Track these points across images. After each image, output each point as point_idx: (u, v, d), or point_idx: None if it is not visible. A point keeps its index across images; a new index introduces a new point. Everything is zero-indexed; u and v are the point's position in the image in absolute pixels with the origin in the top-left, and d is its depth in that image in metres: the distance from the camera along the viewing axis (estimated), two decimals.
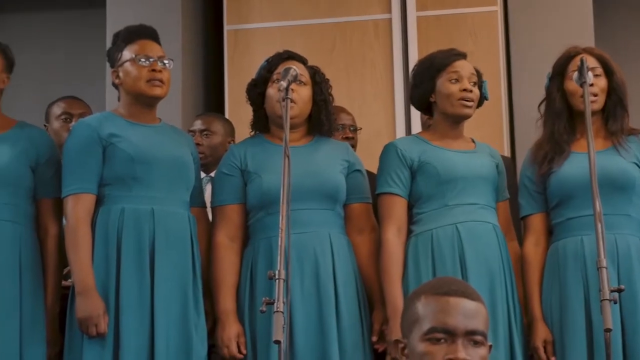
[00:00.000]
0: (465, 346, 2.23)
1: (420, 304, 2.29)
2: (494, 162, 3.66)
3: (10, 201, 3.44)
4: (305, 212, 3.43)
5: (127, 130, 3.48)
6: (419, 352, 2.25)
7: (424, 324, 2.25)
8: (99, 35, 5.59)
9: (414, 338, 2.27)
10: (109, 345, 3.32)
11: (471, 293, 2.30)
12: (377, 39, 5.50)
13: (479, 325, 2.25)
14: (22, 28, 6.42)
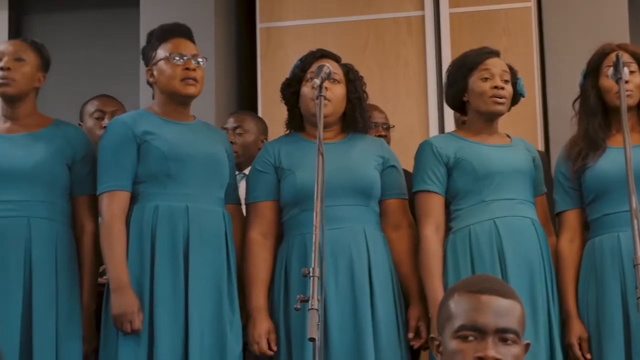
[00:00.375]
0: (495, 344, 2.21)
1: (452, 301, 2.29)
2: (530, 156, 3.65)
3: (46, 199, 3.46)
4: (339, 208, 3.43)
5: (162, 128, 3.50)
6: (450, 349, 2.25)
7: (455, 322, 2.25)
8: (132, 34, 5.61)
9: (446, 335, 2.27)
10: (144, 342, 3.33)
11: (505, 291, 2.28)
12: (410, 36, 5.49)
13: (511, 323, 2.24)
14: (56, 27, 6.45)
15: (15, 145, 3.49)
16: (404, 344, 3.48)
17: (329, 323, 3.35)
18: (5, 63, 3.50)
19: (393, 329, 3.45)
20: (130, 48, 5.72)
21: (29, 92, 3.57)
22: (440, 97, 5.35)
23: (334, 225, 3.35)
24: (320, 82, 3.19)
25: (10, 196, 3.42)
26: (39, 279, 3.38)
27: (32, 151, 3.48)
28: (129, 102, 4.98)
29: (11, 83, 3.50)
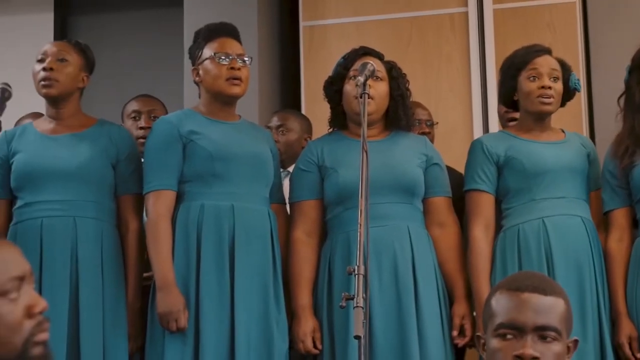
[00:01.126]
0: (534, 342, 2.20)
1: (494, 299, 2.28)
2: (585, 151, 3.62)
3: (92, 198, 3.49)
4: (383, 206, 3.42)
5: (207, 127, 3.51)
6: (491, 348, 2.24)
7: (495, 320, 2.24)
8: (176, 33, 5.63)
9: (488, 334, 2.27)
10: (190, 340, 3.35)
11: (546, 288, 2.26)
12: (453, 32, 5.46)
13: (551, 320, 2.22)
14: (101, 28, 6.50)
15: (60, 146, 3.52)
16: (448, 342, 3.46)
17: (373, 321, 3.34)
18: (48, 63, 3.53)
19: (437, 326, 3.44)
20: (174, 48, 5.75)
21: (73, 92, 3.59)
22: (484, 94, 5.33)
23: (378, 223, 3.34)
24: (364, 79, 3.18)
25: (56, 196, 3.45)
26: (85, 277, 3.41)
27: (77, 151, 3.51)
28: (173, 102, 5.01)
29: (54, 84, 3.52)
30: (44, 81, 3.52)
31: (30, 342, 1.82)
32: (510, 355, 2.19)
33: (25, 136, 3.57)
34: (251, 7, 5.50)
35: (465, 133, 5.31)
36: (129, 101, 4.45)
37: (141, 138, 4.10)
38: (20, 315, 1.81)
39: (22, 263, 1.86)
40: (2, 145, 3.54)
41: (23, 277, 1.84)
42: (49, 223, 3.42)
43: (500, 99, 3.76)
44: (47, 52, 3.57)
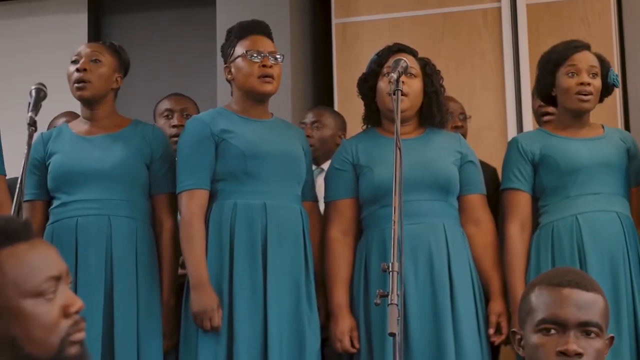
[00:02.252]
0: (577, 338, 2.19)
1: (534, 295, 2.26)
2: (624, 146, 3.59)
3: (127, 198, 3.50)
4: (418, 204, 3.41)
5: (240, 125, 3.51)
6: (532, 343, 2.23)
7: (536, 315, 2.23)
8: (209, 32, 5.65)
9: (528, 329, 2.25)
10: (223, 339, 3.35)
11: (586, 284, 2.25)
12: (487, 28, 5.44)
13: (594, 316, 2.21)
14: (135, 28, 6.53)
15: (95, 147, 3.54)
16: (484, 340, 3.45)
17: (409, 318, 3.33)
18: (82, 65, 3.55)
19: (473, 324, 3.42)
20: (207, 46, 5.77)
21: (107, 93, 3.61)
22: (517, 89, 5.30)
23: (413, 221, 3.33)
24: (397, 76, 3.17)
25: (91, 195, 3.47)
26: (119, 276, 3.43)
27: (112, 152, 3.53)
28: (206, 100, 5.02)
29: (87, 85, 3.54)
30: (77, 83, 3.55)
31: (67, 341, 1.82)
32: (553, 351, 2.18)
33: (61, 138, 3.60)
34: (283, 5, 5.51)
35: (499, 129, 5.29)
36: (161, 100, 4.46)
37: (174, 136, 4.11)
38: (56, 315, 1.81)
39: (58, 263, 1.86)
40: (38, 147, 3.56)
41: (59, 277, 1.84)
42: (84, 222, 3.44)
43: (538, 95, 3.74)
44: (80, 53, 3.59)
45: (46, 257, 1.84)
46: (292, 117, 5.13)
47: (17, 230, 1.83)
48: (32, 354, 1.79)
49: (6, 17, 6.62)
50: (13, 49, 6.52)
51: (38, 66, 6.15)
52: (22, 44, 6.53)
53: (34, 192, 3.56)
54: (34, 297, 1.80)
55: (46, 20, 6.53)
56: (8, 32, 6.57)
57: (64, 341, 1.81)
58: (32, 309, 1.79)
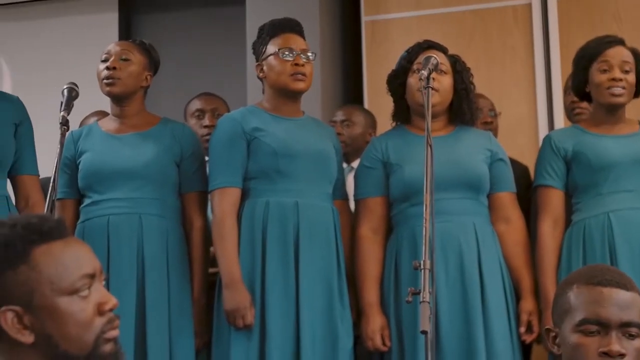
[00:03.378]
0: (619, 338, 2.17)
1: (572, 293, 2.24)
2: None
3: (157, 196, 3.52)
4: (448, 202, 3.40)
5: (271, 124, 3.52)
6: (571, 343, 2.21)
7: (576, 315, 2.21)
8: (239, 31, 5.66)
9: (566, 328, 2.23)
10: (256, 337, 3.36)
11: (626, 283, 2.23)
12: (517, 24, 5.42)
13: (634, 316, 2.19)
14: (165, 27, 6.55)
15: (125, 145, 3.56)
16: (515, 338, 3.43)
17: (440, 316, 3.33)
18: (111, 63, 3.56)
19: (504, 322, 3.41)
20: (237, 45, 5.78)
21: (136, 91, 3.62)
22: (548, 86, 5.27)
23: (444, 219, 3.32)
24: (428, 73, 3.16)
25: (122, 194, 3.48)
26: (151, 274, 3.44)
27: (142, 150, 3.54)
28: (236, 99, 5.03)
29: (117, 82, 3.56)
30: (106, 79, 3.56)
31: (101, 339, 1.83)
32: (595, 352, 2.16)
33: (91, 136, 3.62)
34: (313, 3, 5.51)
35: (530, 126, 5.27)
36: (191, 100, 4.47)
37: (205, 136, 4.12)
38: (91, 313, 1.83)
39: (92, 261, 1.87)
40: (69, 145, 3.58)
41: (94, 275, 1.85)
42: (116, 220, 3.46)
43: (573, 91, 3.72)
44: (110, 51, 3.60)
45: (80, 255, 1.85)
46: (321, 115, 5.14)
47: (52, 229, 1.84)
48: (68, 351, 1.80)
49: (38, 17, 6.67)
50: (45, 48, 6.56)
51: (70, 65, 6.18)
52: (54, 44, 6.57)
53: (65, 190, 3.58)
54: (68, 294, 1.81)
55: (77, 19, 6.57)
56: (40, 31, 6.61)
57: (98, 338, 1.82)
58: (67, 306, 1.80)
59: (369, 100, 5.46)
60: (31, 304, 1.79)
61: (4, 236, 1.82)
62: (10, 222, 1.84)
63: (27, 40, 6.61)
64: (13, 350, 1.82)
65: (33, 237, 1.82)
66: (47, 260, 1.81)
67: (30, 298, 1.79)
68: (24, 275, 1.80)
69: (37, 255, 1.81)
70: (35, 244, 1.82)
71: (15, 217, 1.86)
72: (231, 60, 6.12)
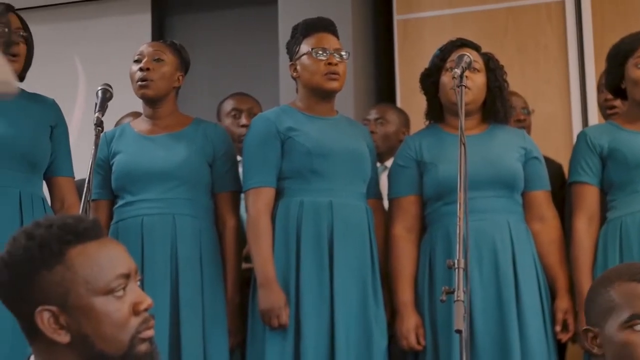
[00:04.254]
0: None
1: (614, 291, 2.21)
2: None
3: (190, 196, 3.52)
4: (482, 200, 3.39)
5: (305, 123, 3.52)
6: (618, 341, 2.18)
7: (622, 313, 2.18)
8: (271, 30, 5.67)
9: (611, 327, 2.20)
10: (290, 336, 3.36)
11: None
12: (550, 22, 5.39)
13: None
14: (197, 27, 6.57)
15: (158, 146, 3.57)
16: (550, 337, 3.41)
17: (474, 315, 3.31)
18: (144, 64, 3.57)
19: (539, 321, 3.39)
20: (269, 45, 5.79)
21: (169, 92, 3.63)
22: (582, 83, 5.24)
23: (478, 217, 3.30)
24: (461, 71, 3.15)
25: (155, 194, 3.49)
26: (185, 274, 3.45)
27: (174, 151, 3.55)
28: (269, 98, 5.03)
29: (150, 84, 3.57)
30: (140, 82, 3.57)
31: (137, 338, 1.84)
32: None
33: (124, 137, 3.63)
34: (345, 2, 5.50)
35: (564, 124, 5.24)
36: (225, 99, 4.47)
37: (243, 136, 4.12)
38: (126, 313, 1.83)
39: (127, 261, 1.88)
40: (102, 146, 3.59)
41: (129, 275, 1.86)
42: (149, 221, 3.47)
43: (607, 88, 3.68)
44: (143, 52, 3.62)
45: (116, 255, 1.86)
46: (354, 114, 5.13)
47: (87, 229, 1.85)
48: (104, 351, 1.81)
49: (72, 19, 6.71)
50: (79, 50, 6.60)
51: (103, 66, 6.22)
52: (88, 46, 6.61)
53: (99, 191, 3.60)
54: (104, 294, 1.82)
55: (111, 21, 6.60)
56: (74, 34, 6.65)
57: (134, 338, 1.83)
58: (103, 306, 1.81)
59: (402, 99, 5.45)
60: (67, 304, 1.81)
61: (39, 237, 1.82)
62: (46, 223, 1.85)
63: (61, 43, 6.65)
64: (49, 350, 1.83)
65: (68, 237, 1.83)
66: (82, 261, 1.82)
67: (66, 298, 1.81)
68: (60, 275, 1.81)
69: (72, 256, 1.82)
70: (70, 244, 1.83)
71: (51, 218, 1.87)
72: (263, 60, 6.12)
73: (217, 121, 4.37)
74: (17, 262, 1.82)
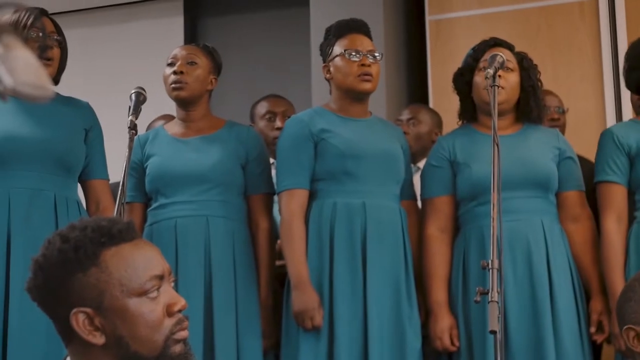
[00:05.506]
0: None
1: None
2: None
3: (223, 198, 3.53)
4: (516, 200, 3.38)
5: (338, 125, 3.52)
6: None
7: None
8: (303, 33, 5.68)
9: None
10: (324, 338, 3.36)
11: None
12: (583, 20, 5.35)
13: None
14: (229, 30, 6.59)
15: (191, 149, 3.58)
16: (585, 338, 3.40)
17: (508, 315, 3.30)
18: (178, 67, 3.59)
19: (574, 321, 3.38)
20: (301, 47, 5.79)
21: (202, 95, 3.65)
22: (616, 82, 5.20)
23: (512, 217, 3.30)
24: (494, 71, 3.14)
25: (189, 197, 3.51)
26: (218, 276, 3.46)
27: (208, 154, 3.56)
28: (301, 100, 5.03)
29: (184, 86, 3.58)
30: (174, 84, 3.59)
31: (171, 339, 1.84)
32: None
33: (158, 140, 3.65)
34: (377, 3, 5.49)
35: (598, 123, 5.20)
36: (258, 102, 4.48)
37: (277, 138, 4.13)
38: (160, 314, 1.84)
39: (161, 262, 1.89)
40: (136, 149, 3.60)
41: (162, 276, 1.87)
42: (183, 223, 3.49)
43: (631, 85, 3.62)
44: (177, 55, 3.63)
45: (149, 256, 1.87)
46: (386, 116, 5.12)
47: (121, 231, 1.86)
48: (138, 352, 1.82)
49: (105, 23, 6.75)
50: (113, 54, 6.64)
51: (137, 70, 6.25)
52: (121, 49, 6.65)
53: (132, 194, 3.62)
54: (138, 296, 1.83)
55: (144, 24, 6.64)
56: (107, 37, 6.70)
57: (168, 339, 1.83)
58: (137, 307, 1.82)
59: (434, 100, 5.43)
60: (102, 305, 1.81)
61: (74, 239, 1.84)
62: (81, 225, 1.87)
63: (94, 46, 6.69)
64: (85, 352, 1.84)
65: (103, 239, 1.84)
66: (116, 262, 1.83)
67: (101, 300, 1.81)
68: (94, 277, 1.82)
69: (106, 258, 1.83)
70: (104, 246, 1.84)
71: (86, 220, 1.88)
72: (296, 62, 6.13)
73: (251, 123, 4.38)
74: (53, 265, 1.83)
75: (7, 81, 1.46)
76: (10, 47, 1.47)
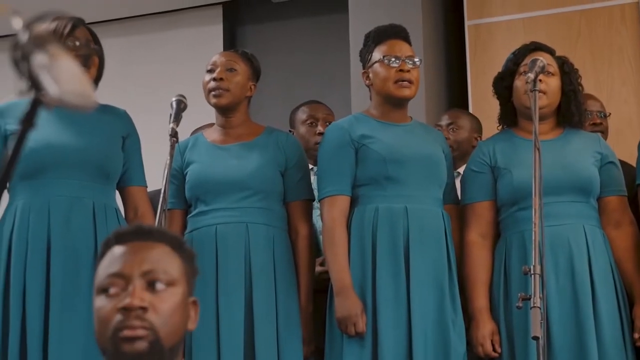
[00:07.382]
0: None
1: None
2: None
3: (263, 205, 3.53)
4: (558, 205, 3.35)
5: (379, 130, 3.51)
6: None
7: None
8: (342, 39, 5.67)
9: None
10: (368, 344, 3.35)
11: None
12: (624, 24, 5.31)
13: None
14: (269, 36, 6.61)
15: (231, 156, 3.59)
16: (629, 344, 3.36)
17: (551, 321, 3.28)
18: (218, 74, 3.60)
19: (617, 327, 3.34)
20: (340, 53, 5.79)
21: (241, 101, 3.65)
22: None
23: (553, 222, 3.28)
24: (535, 76, 3.13)
25: (229, 204, 3.51)
26: (258, 282, 3.46)
27: (247, 161, 3.57)
28: (341, 107, 5.04)
29: (224, 93, 3.59)
30: (214, 91, 3.60)
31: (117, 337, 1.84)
32: None
33: (197, 147, 3.66)
34: (415, 8, 5.49)
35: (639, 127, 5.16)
36: (299, 108, 4.48)
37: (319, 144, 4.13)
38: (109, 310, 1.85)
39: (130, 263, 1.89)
40: (176, 156, 3.60)
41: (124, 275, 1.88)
42: (223, 230, 3.49)
43: None
44: (216, 62, 3.64)
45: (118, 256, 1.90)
46: (426, 120, 5.11)
47: (125, 234, 1.93)
48: (101, 347, 1.87)
49: (146, 31, 6.80)
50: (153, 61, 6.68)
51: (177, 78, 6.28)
52: (162, 57, 6.69)
53: (172, 201, 3.62)
54: (98, 293, 1.89)
55: (184, 32, 6.68)
56: (148, 45, 6.74)
57: (114, 336, 1.83)
58: (96, 304, 1.89)
59: (474, 105, 5.41)
60: None
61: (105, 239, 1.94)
62: None
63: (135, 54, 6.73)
64: None
65: (111, 240, 1.93)
66: (102, 262, 1.92)
67: None
68: None
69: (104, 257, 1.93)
70: (108, 246, 1.93)
71: None
72: (335, 68, 6.14)
73: (291, 129, 4.39)
74: None
75: (53, 90, 1.47)
76: (56, 56, 1.48)
